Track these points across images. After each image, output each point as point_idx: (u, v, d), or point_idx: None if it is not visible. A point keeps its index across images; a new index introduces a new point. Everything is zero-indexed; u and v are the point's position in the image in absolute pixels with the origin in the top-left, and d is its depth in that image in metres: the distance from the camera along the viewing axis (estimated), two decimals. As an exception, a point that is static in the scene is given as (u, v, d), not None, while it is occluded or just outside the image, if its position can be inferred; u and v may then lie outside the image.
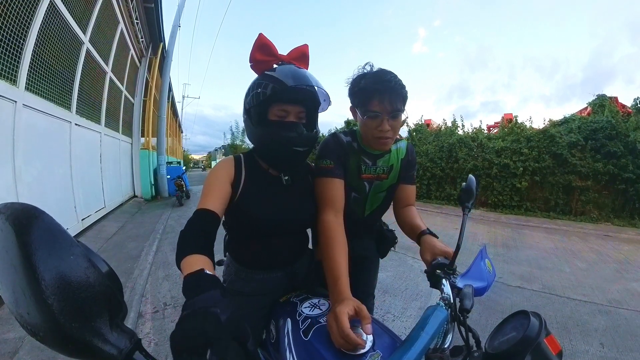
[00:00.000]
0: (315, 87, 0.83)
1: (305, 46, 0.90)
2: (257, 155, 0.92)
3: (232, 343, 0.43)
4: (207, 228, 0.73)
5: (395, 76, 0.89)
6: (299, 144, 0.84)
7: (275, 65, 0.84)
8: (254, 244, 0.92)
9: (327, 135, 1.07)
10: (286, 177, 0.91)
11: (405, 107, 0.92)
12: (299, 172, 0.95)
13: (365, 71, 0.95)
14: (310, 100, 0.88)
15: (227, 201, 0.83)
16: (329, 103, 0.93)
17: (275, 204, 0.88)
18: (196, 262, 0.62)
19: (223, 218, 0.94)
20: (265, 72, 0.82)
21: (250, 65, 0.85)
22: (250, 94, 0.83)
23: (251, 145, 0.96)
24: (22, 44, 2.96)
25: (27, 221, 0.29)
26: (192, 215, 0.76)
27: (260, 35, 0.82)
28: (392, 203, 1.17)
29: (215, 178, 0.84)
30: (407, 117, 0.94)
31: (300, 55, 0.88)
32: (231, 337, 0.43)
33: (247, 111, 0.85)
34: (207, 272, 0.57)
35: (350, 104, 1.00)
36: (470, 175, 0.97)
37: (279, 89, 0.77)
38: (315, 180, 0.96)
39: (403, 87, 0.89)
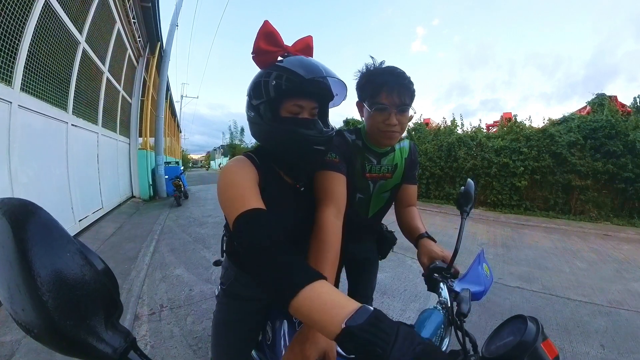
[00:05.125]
0: (334, 79, 0.76)
1: (310, 37, 0.84)
2: (269, 157, 0.83)
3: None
4: (276, 235, 0.57)
5: (405, 72, 0.89)
6: (320, 142, 0.76)
7: (280, 57, 0.77)
8: None
9: None
10: (302, 188, 0.85)
11: (413, 105, 0.91)
12: (309, 177, 0.89)
13: (374, 66, 0.94)
14: (324, 94, 0.80)
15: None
16: (344, 97, 0.86)
17: (288, 212, 0.83)
18: (332, 292, 0.47)
19: (225, 222, 0.88)
20: (276, 64, 0.75)
21: (252, 56, 0.78)
22: (258, 88, 0.75)
23: (249, 145, 0.90)
24: (17, 44, 2.94)
25: (24, 217, 0.29)
26: (238, 224, 0.60)
27: (266, 22, 0.75)
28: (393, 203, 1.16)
29: (244, 180, 0.70)
30: (414, 113, 0.93)
31: (305, 47, 0.82)
32: None
33: (254, 108, 0.76)
34: (368, 306, 0.43)
35: (357, 99, 0.98)
36: (469, 179, 0.98)
37: (295, 82, 0.70)
38: (317, 173, 0.88)
39: (411, 82, 0.89)
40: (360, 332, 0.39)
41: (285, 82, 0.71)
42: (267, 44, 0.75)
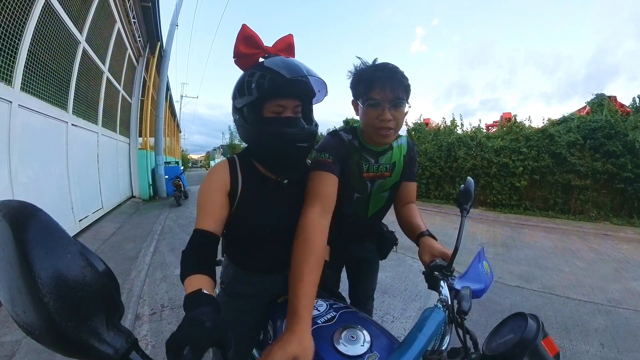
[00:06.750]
0: (314, 77, 0.78)
1: (290, 36, 0.86)
2: (254, 156, 0.86)
3: (215, 349, 0.46)
4: (205, 251, 0.73)
5: (397, 67, 0.88)
6: (302, 140, 0.78)
7: (261, 59, 0.79)
8: (253, 248, 0.89)
9: (327, 134, 1.05)
10: (285, 181, 0.85)
11: (409, 100, 0.90)
12: (298, 172, 0.89)
13: (366, 63, 0.93)
14: (306, 92, 0.82)
15: (224, 216, 0.79)
16: (325, 93, 0.88)
17: (274, 209, 0.84)
18: (196, 281, 0.65)
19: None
20: (258, 65, 0.77)
21: (234, 60, 0.80)
22: (241, 90, 0.77)
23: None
24: (18, 44, 2.94)
25: (24, 219, 0.29)
26: (192, 233, 0.75)
27: (244, 26, 0.76)
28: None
29: (209, 192, 0.78)
30: (409, 108, 0.91)
31: (287, 46, 0.83)
32: (213, 343, 0.47)
33: (239, 110, 0.79)
34: (205, 291, 0.60)
35: (352, 98, 0.98)
36: (469, 177, 0.97)
37: (278, 82, 0.72)
38: (309, 174, 0.89)
39: (404, 76, 0.88)
40: (185, 301, 0.60)
41: (268, 82, 0.73)
42: (247, 47, 0.77)
